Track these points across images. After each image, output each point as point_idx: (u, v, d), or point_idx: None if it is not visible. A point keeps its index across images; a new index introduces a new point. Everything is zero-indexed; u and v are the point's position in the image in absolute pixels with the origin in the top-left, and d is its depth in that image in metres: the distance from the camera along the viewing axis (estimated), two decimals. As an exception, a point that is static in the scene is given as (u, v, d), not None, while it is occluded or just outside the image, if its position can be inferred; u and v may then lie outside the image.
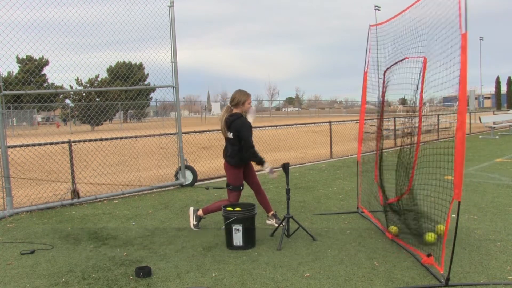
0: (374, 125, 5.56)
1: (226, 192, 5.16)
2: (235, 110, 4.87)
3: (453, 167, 3.25)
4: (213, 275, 3.73)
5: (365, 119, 5.82)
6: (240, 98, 4.85)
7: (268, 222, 5.28)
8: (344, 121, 14.58)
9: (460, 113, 3.22)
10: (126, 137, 8.46)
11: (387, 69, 5.16)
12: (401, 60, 4.50)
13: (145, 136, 8.83)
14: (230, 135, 4.82)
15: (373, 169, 5.57)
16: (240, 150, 4.80)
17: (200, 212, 5.11)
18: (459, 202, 3.25)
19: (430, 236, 4.16)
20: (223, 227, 4.56)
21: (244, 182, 5.02)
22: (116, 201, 6.97)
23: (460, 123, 3.19)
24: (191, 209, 5.18)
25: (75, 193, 6.78)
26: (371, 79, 5.53)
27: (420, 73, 4.11)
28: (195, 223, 5.10)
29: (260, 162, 4.79)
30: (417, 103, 4.17)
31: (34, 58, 26.34)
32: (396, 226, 4.54)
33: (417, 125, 4.24)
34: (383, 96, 5.31)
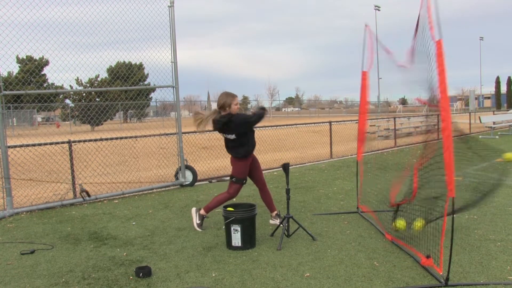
0: (374, 125, 5.56)
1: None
2: (223, 113, 4.82)
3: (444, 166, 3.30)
4: (213, 275, 3.73)
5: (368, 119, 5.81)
6: (225, 100, 4.78)
7: (271, 222, 5.27)
8: (344, 121, 14.57)
9: (444, 111, 3.27)
10: (126, 137, 8.46)
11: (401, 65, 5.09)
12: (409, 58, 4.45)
13: (145, 136, 8.83)
14: (231, 136, 4.82)
15: (371, 170, 5.56)
16: (243, 145, 4.82)
17: (202, 212, 5.09)
18: (453, 198, 3.27)
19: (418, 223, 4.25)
20: (224, 227, 4.57)
21: (248, 179, 5.03)
22: (116, 201, 6.97)
23: (446, 123, 3.25)
24: (193, 209, 5.17)
25: (85, 192, 6.75)
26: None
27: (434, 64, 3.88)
28: (198, 222, 5.07)
29: (263, 113, 4.85)
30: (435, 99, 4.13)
31: (34, 58, 26.34)
32: (403, 220, 4.51)
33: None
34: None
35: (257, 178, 5.12)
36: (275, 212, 5.23)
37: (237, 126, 4.75)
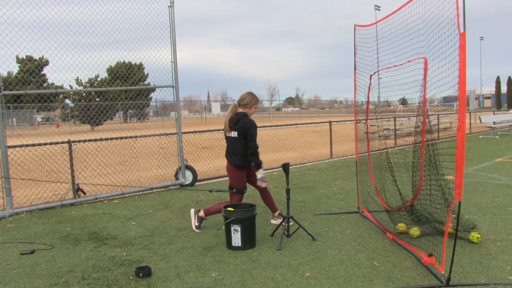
0: (374, 125, 5.57)
1: (228, 193, 5.15)
2: (240, 110, 4.88)
3: (455, 168, 3.25)
4: (213, 275, 3.73)
5: (359, 119, 5.84)
6: (250, 100, 4.90)
7: (273, 221, 5.28)
8: (344, 121, 14.57)
9: (460, 112, 3.21)
10: (126, 137, 8.46)
11: (378, 71, 5.18)
12: (401, 64, 4.51)
13: (145, 136, 8.83)
14: (234, 134, 4.81)
15: (367, 171, 5.58)
16: (245, 149, 4.79)
17: (201, 213, 5.09)
18: (460, 202, 3.25)
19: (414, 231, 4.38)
20: (224, 227, 4.57)
21: (247, 184, 5.03)
22: (116, 201, 6.97)
23: (461, 123, 3.18)
24: (192, 210, 5.16)
25: (80, 191, 6.76)
26: (362, 79, 5.54)
27: (422, 74, 4.12)
28: (196, 224, 5.08)
29: (259, 165, 4.78)
30: (421, 104, 4.19)
31: (34, 58, 26.34)
32: (404, 223, 4.58)
33: (421, 125, 4.25)
34: (368, 98, 5.33)
35: (255, 180, 5.10)
36: (278, 212, 5.23)
37: (244, 126, 4.75)
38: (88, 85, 33.11)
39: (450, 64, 3.41)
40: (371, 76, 5.25)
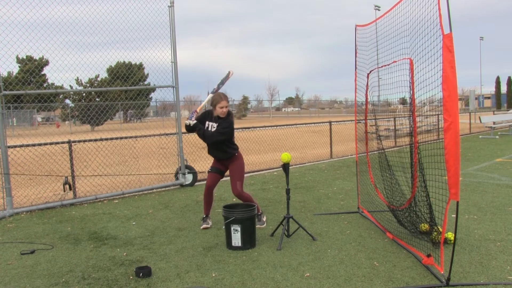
0: (374, 125, 5.57)
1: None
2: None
3: (446, 168, 3.25)
4: (213, 275, 3.73)
5: (359, 119, 5.85)
6: (212, 100, 4.90)
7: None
8: (344, 121, 14.57)
9: (446, 112, 3.20)
10: (126, 137, 8.47)
11: (370, 71, 5.19)
12: (388, 64, 4.53)
13: (145, 136, 8.83)
14: None
15: (367, 170, 5.58)
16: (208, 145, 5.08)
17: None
18: (458, 202, 3.25)
19: (423, 226, 4.31)
20: (224, 227, 4.57)
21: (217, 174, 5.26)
22: (116, 201, 6.97)
23: (449, 123, 3.18)
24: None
25: (67, 184, 6.73)
26: (363, 78, 5.55)
27: (409, 75, 4.12)
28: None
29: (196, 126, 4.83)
30: (411, 104, 4.18)
31: (34, 58, 26.31)
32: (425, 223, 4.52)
33: (413, 125, 4.23)
34: (366, 97, 5.33)
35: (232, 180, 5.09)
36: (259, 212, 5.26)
37: None
38: (88, 85, 33.07)
39: (435, 64, 3.43)
40: (368, 74, 5.25)
